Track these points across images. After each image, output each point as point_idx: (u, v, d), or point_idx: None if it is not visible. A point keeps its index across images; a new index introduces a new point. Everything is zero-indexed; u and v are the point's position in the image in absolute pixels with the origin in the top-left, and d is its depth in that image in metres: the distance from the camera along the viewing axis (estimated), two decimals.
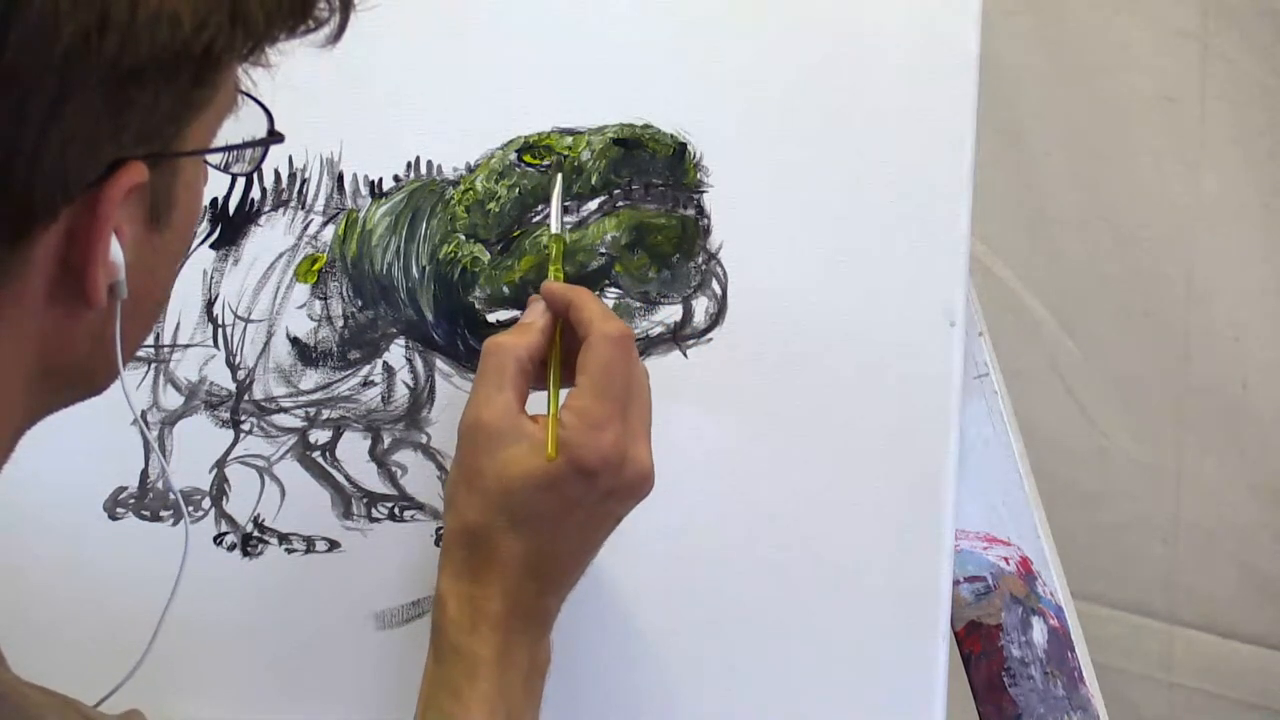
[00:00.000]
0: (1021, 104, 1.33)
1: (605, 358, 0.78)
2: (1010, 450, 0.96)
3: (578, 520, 0.78)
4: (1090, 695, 0.97)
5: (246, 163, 0.66)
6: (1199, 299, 1.32)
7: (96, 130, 0.53)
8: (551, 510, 0.76)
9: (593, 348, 0.78)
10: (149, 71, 0.53)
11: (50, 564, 0.91)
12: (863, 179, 0.92)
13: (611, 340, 0.78)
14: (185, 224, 0.62)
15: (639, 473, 0.78)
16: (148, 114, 0.54)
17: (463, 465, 0.78)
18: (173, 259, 0.63)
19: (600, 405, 0.77)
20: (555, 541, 0.77)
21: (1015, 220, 1.37)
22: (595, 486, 0.76)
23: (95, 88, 0.52)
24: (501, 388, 0.78)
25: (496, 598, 0.76)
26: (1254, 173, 1.27)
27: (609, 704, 0.94)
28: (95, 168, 0.54)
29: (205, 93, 0.57)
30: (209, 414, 0.92)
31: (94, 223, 0.55)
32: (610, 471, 0.76)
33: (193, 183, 0.61)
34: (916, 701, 0.93)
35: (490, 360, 0.79)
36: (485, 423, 0.77)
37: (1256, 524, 1.34)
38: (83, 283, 0.56)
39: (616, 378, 0.78)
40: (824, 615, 0.93)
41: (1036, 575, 0.97)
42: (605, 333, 0.78)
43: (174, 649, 0.93)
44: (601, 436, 0.76)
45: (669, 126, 0.92)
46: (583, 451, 0.76)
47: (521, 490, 0.76)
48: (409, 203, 0.92)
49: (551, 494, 0.76)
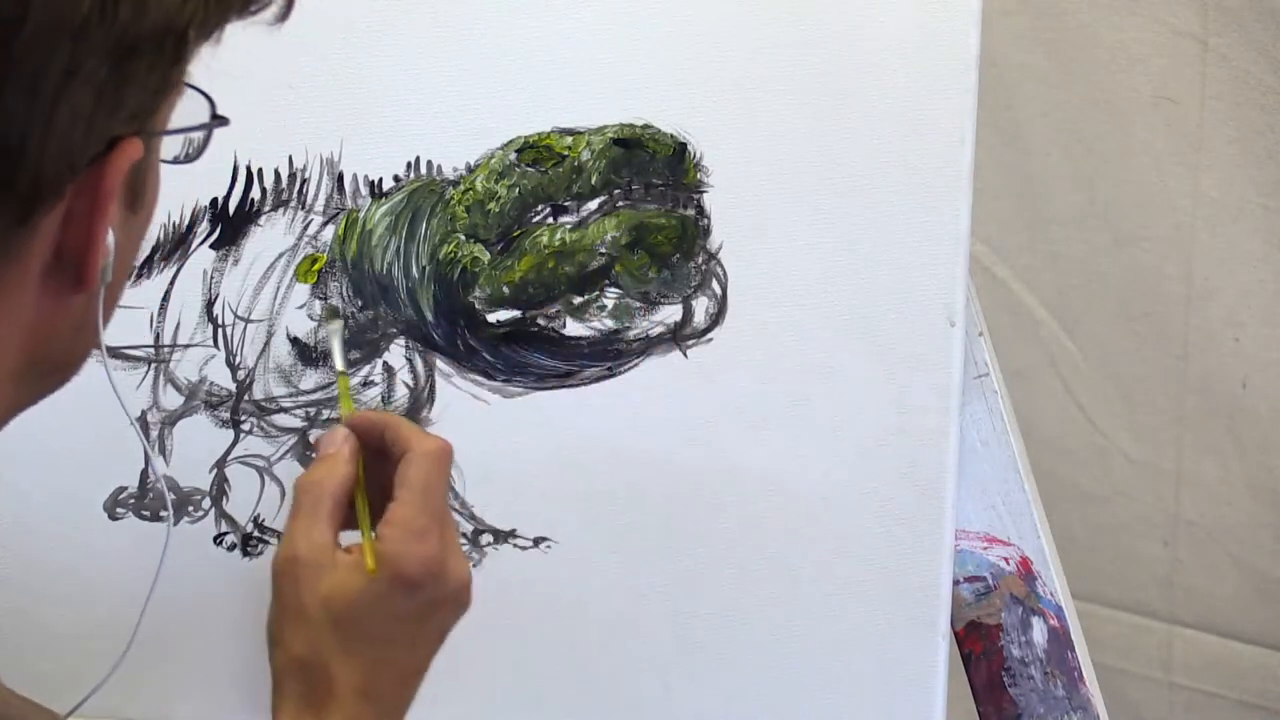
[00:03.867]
0: (1021, 104, 1.33)
1: (425, 470, 0.78)
2: (1010, 450, 0.96)
3: (408, 636, 0.77)
4: (1090, 695, 0.97)
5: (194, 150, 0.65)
6: (1198, 299, 1.32)
7: (99, 106, 0.53)
8: (380, 629, 0.76)
9: (414, 462, 0.78)
10: (145, 45, 0.53)
11: (50, 564, 0.91)
12: (862, 179, 0.92)
13: (432, 455, 0.78)
14: (153, 205, 0.62)
15: (460, 582, 0.77)
16: (141, 90, 0.54)
17: (283, 602, 0.77)
18: (139, 241, 0.64)
19: (421, 516, 0.76)
20: (388, 661, 0.77)
21: (1015, 220, 1.37)
22: (418, 597, 0.76)
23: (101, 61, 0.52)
24: (317, 521, 0.77)
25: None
26: (1253, 173, 1.27)
27: (609, 704, 0.94)
28: (97, 145, 0.54)
29: (179, 71, 0.57)
30: (209, 414, 0.92)
31: (96, 201, 0.55)
32: (433, 581, 0.76)
33: (158, 164, 0.62)
34: (916, 701, 0.93)
35: (305, 498, 0.78)
36: (302, 557, 0.76)
37: (1256, 524, 1.34)
38: (81, 265, 0.56)
39: (435, 490, 0.78)
40: (824, 615, 0.93)
41: (1036, 575, 0.97)
42: (426, 448, 0.78)
43: (174, 649, 0.93)
44: (424, 546, 0.76)
45: (669, 126, 0.92)
46: (405, 561, 0.75)
47: (348, 612, 0.75)
48: (409, 203, 0.92)
49: (378, 610, 0.75)
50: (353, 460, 0.80)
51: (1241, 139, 1.27)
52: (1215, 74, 1.26)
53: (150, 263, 0.91)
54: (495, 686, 0.93)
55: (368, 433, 0.81)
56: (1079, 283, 1.36)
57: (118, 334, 0.91)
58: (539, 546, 0.93)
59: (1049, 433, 1.38)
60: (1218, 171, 1.28)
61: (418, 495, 0.77)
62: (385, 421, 0.81)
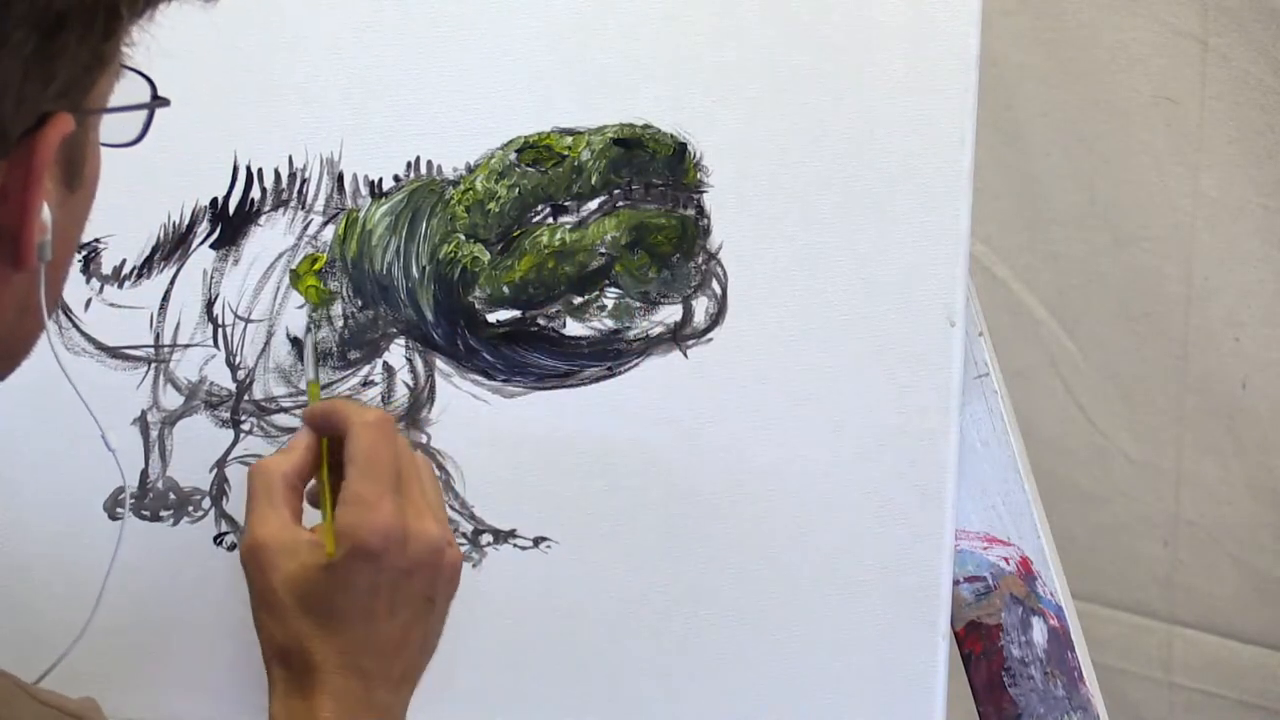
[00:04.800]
0: (1021, 104, 1.33)
1: (367, 442, 0.78)
2: (1010, 450, 0.96)
3: (383, 608, 0.77)
4: (1090, 695, 0.97)
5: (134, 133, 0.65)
6: (1198, 299, 1.32)
7: (27, 80, 0.53)
8: (351, 604, 0.76)
9: (355, 437, 0.78)
10: (72, 19, 0.53)
11: (50, 564, 0.91)
12: (862, 179, 0.92)
13: (370, 425, 0.78)
14: (93, 184, 0.62)
15: (428, 546, 0.77)
16: (70, 65, 0.54)
17: (255, 590, 0.77)
18: (82, 220, 0.63)
19: (369, 485, 0.76)
20: (368, 635, 0.76)
21: (1015, 220, 1.37)
22: (383, 566, 0.76)
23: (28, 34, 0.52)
24: (273, 505, 0.78)
25: (326, 706, 0.75)
26: (1253, 173, 1.27)
27: (608, 704, 0.94)
28: (27, 119, 0.54)
29: (110, 47, 0.57)
30: (209, 414, 0.92)
31: (29, 176, 0.55)
32: (395, 548, 0.76)
33: (96, 143, 0.62)
34: (916, 701, 0.93)
35: (257, 482, 0.79)
36: (263, 542, 0.77)
37: (1256, 524, 1.34)
38: (16, 243, 0.56)
39: (381, 458, 0.77)
40: (824, 615, 0.93)
41: (1036, 575, 0.97)
42: (364, 420, 0.78)
43: (173, 648, 0.93)
44: (375, 514, 0.76)
45: (669, 126, 0.92)
46: (360, 531, 0.75)
47: (314, 592, 0.75)
48: (409, 203, 0.92)
49: (343, 587, 0.75)
50: (307, 447, 0.81)
51: (1241, 139, 1.27)
52: (1215, 74, 1.26)
53: (150, 263, 0.91)
54: (495, 686, 0.93)
55: (324, 424, 0.81)
56: (1079, 283, 1.36)
57: (118, 334, 0.91)
58: (539, 546, 0.93)
59: (1049, 433, 1.38)
60: (1218, 171, 1.28)
61: (361, 467, 0.77)
62: (331, 408, 0.81)
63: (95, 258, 0.91)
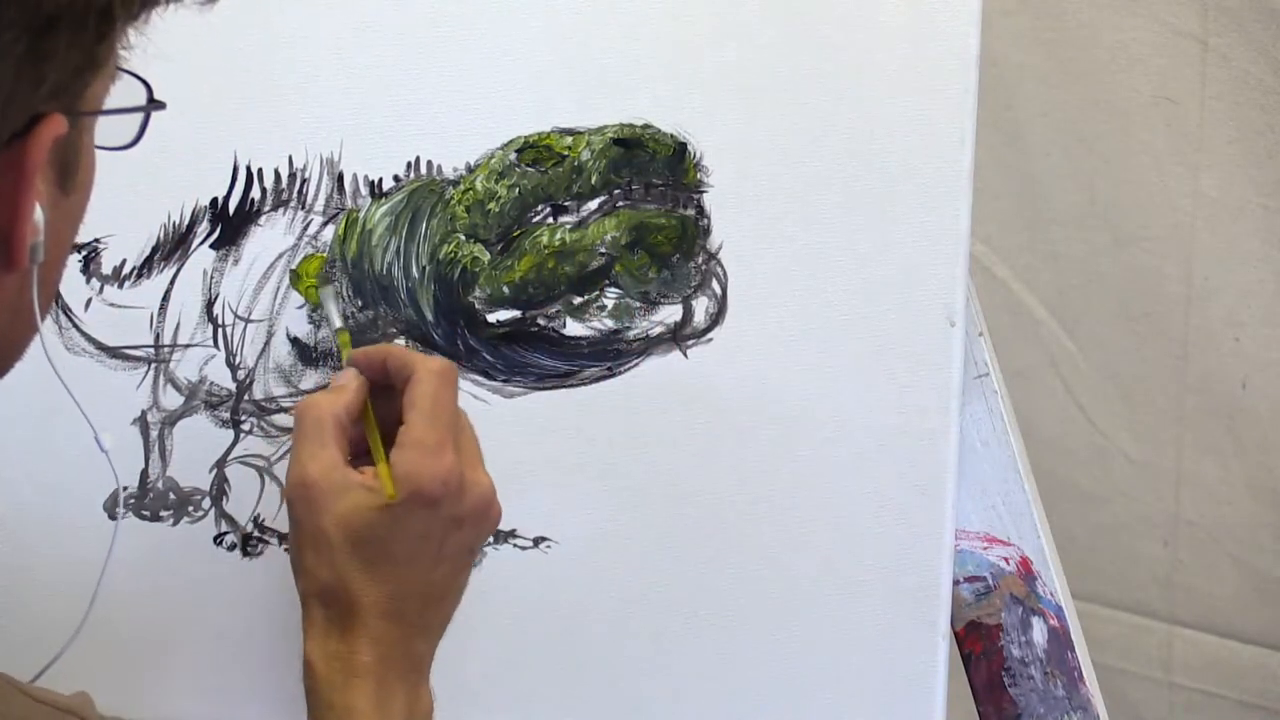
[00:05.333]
0: (1021, 104, 1.33)
1: (433, 388, 0.78)
2: (1010, 450, 0.96)
3: (430, 555, 0.77)
4: (1090, 695, 0.97)
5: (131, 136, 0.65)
6: (1198, 299, 1.32)
7: (18, 81, 0.53)
8: (403, 549, 0.76)
9: (420, 381, 0.78)
10: (63, 21, 0.53)
11: (50, 564, 0.91)
12: (862, 179, 0.92)
13: (437, 373, 0.78)
14: (87, 186, 0.62)
15: (482, 497, 0.78)
16: (61, 67, 0.54)
17: (302, 528, 0.77)
18: (75, 223, 0.63)
19: (433, 432, 0.76)
20: (413, 582, 0.76)
21: (1015, 220, 1.37)
22: (439, 514, 0.76)
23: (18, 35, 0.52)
24: (324, 444, 0.77)
25: (365, 649, 0.75)
26: (1253, 173, 1.27)
27: (608, 704, 0.94)
28: (18, 121, 0.54)
29: (104, 50, 0.57)
30: (209, 414, 0.92)
31: (20, 177, 0.55)
32: (452, 497, 0.76)
33: (91, 145, 0.62)
34: (916, 701, 0.93)
35: (307, 419, 0.78)
36: (313, 480, 0.76)
37: (1256, 524, 1.34)
38: (8, 244, 0.56)
39: (445, 406, 0.78)
40: (824, 615, 0.93)
41: (1036, 575, 0.97)
42: (430, 367, 0.79)
43: (173, 648, 0.93)
44: (439, 462, 0.76)
45: (669, 126, 0.92)
46: (422, 479, 0.75)
47: (367, 535, 0.75)
48: (409, 203, 0.92)
49: (398, 531, 0.75)
50: (357, 389, 0.81)
51: (1241, 139, 1.27)
52: (1215, 74, 1.26)
53: (150, 263, 0.91)
54: (495, 686, 0.93)
55: (372, 367, 0.81)
56: (1079, 283, 1.37)
57: (118, 334, 0.91)
58: (539, 546, 0.93)
59: (1049, 433, 1.38)
60: (1218, 171, 1.28)
61: (427, 413, 0.77)
62: (387, 352, 0.82)
63: (95, 258, 0.91)
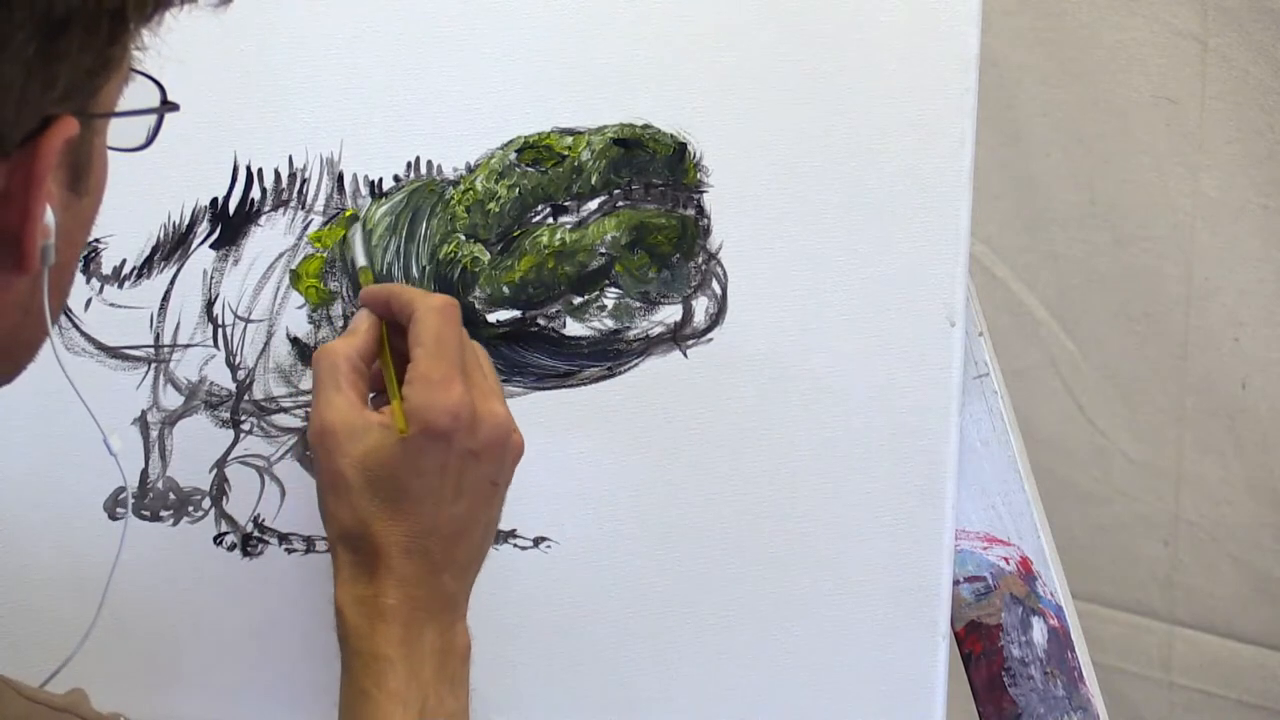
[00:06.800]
0: (1021, 104, 1.33)
1: (434, 324, 0.78)
2: (1010, 450, 0.96)
3: (450, 490, 0.77)
4: (1090, 695, 0.97)
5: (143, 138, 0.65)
6: (1198, 299, 1.32)
7: (29, 83, 0.53)
8: (420, 486, 0.76)
9: (420, 320, 0.78)
10: (75, 22, 0.53)
11: (50, 564, 0.91)
12: (862, 179, 0.92)
13: (436, 309, 0.79)
14: (99, 189, 0.62)
15: (497, 427, 0.78)
16: (73, 69, 0.54)
17: (324, 473, 0.78)
18: (88, 225, 0.63)
19: (438, 365, 0.77)
20: (435, 518, 0.77)
21: (1015, 220, 1.37)
22: (453, 447, 0.76)
23: (29, 37, 0.52)
24: (339, 389, 0.78)
25: (390, 592, 0.76)
26: (1253, 173, 1.27)
27: (608, 704, 0.94)
28: (29, 122, 0.54)
29: (117, 52, 0.57)
30: (209, 414, 0.92)
31: (31, 179, 0.55)
32: (464, 429, 0.76)
33: (103, 147, 0.62)
34: (916, 701, 0.93)
35: (323, 365, 0.79)
36: (331, 425, 0.77)
37: (1256, 524, 1.34)
38: (19, 246, 0.56)
39: (448, 340, 0.78)
40: (824, 615, 0.93)
41: (1036, 575, 0.97)
42: (429, 305, 0.79)
43: (174, 648, 0.93)
44: (446, 394, 0.76)
45: (669, 126, 0.92)
46: (430, 413, 0.76)
47: (384, 474, 0.76)
48: (409, 203, 0.92)
49: (413, 468, 0.76)
50: (368, 329, 0.81)
51: (1241, 139, 1.27)
52: (1215, 74, 1.26)
53: (150, 263, 0.91)
54: (495, 686, 0.93)
55: (379, 306, 0.82)
56: (1079, 283, 1.37)
57: (118, 334, 0.91)
58: (539, 546, 0.93)
59: (1049, 433, 1.38)
60: (1218, 171, 1.28)
61: (431, 349, 0.77)
62: (390, 291, 0.82)
63: (95, 258, 0.91)
